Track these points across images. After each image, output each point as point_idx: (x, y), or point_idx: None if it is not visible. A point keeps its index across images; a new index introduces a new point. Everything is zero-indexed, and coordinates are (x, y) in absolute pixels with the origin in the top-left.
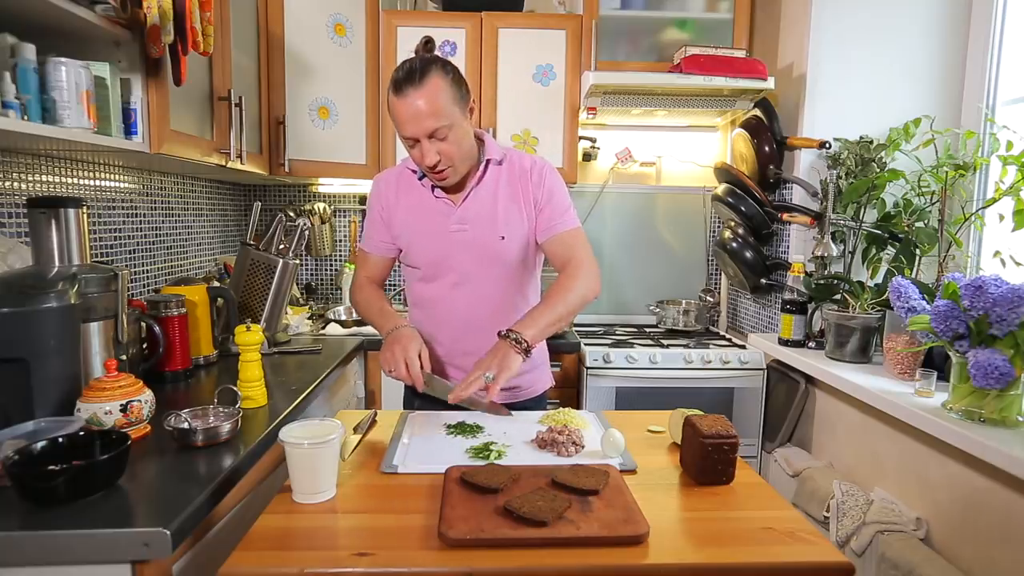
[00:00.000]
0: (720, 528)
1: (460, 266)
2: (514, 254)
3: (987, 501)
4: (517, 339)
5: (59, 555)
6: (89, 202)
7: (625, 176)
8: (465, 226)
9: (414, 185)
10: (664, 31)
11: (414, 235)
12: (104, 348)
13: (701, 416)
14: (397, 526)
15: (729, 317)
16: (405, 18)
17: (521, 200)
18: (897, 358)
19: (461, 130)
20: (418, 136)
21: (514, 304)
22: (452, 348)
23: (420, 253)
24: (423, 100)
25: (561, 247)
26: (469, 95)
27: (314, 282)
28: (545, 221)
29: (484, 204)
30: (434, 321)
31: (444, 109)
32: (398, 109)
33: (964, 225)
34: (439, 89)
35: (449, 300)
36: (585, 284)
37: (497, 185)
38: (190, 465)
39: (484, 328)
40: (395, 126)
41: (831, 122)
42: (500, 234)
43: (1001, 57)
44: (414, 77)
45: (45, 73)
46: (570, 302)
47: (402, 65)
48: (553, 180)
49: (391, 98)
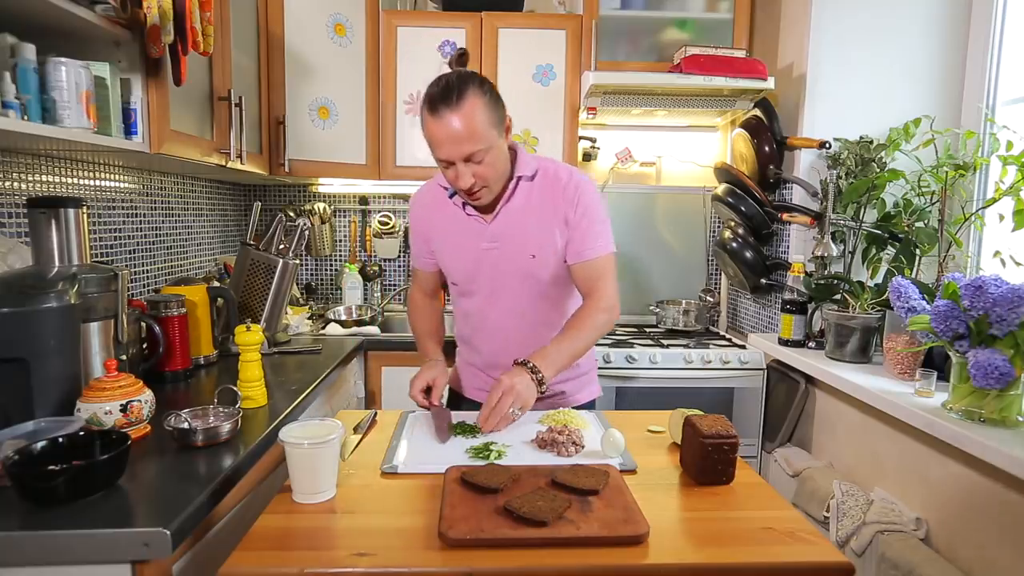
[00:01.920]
0: (720, 528)
1: (493, 282)
2: (545, 271)
3: (987, 501)
4: (534, 368)
5: (59, 555)
6: (89, 202)
7: (625, 176)
8: (496, 244)
9: (446, 203)
10: (664, 31)
11: (448, 251)
12: (104, 348)
13: (701, 416)
14: (397, 526)
15: (729, 317)
16: (405, 18)
17: (553, 217)
18: (897, 358)
19: (498, 151)
20: (454, 159)
21: (549, 318)
22: (490, 359)
23: (454, 269)
24: (460, 122)
25: (588, 274)
26: (505, 112)
27: (314, 282)
28: (576, 244)
29: (515, 221)
30: (473, 332)
31: (481, 132)
32: (433, 130)
33: (964, 225)
34: (476, 110)
35: (485, 313)
36: (606, 319)
37: (528, 201)
38: (190, 465)
39: (521, 341)
40: (429, 145)
41: (831, 122)
42: (531, 252)
43: (1001, 57)
44: (451, 97)
45: (45, 73)
46: (589, 338)
47: (438, 81)
48: (588, 199)
49: (426, 116)
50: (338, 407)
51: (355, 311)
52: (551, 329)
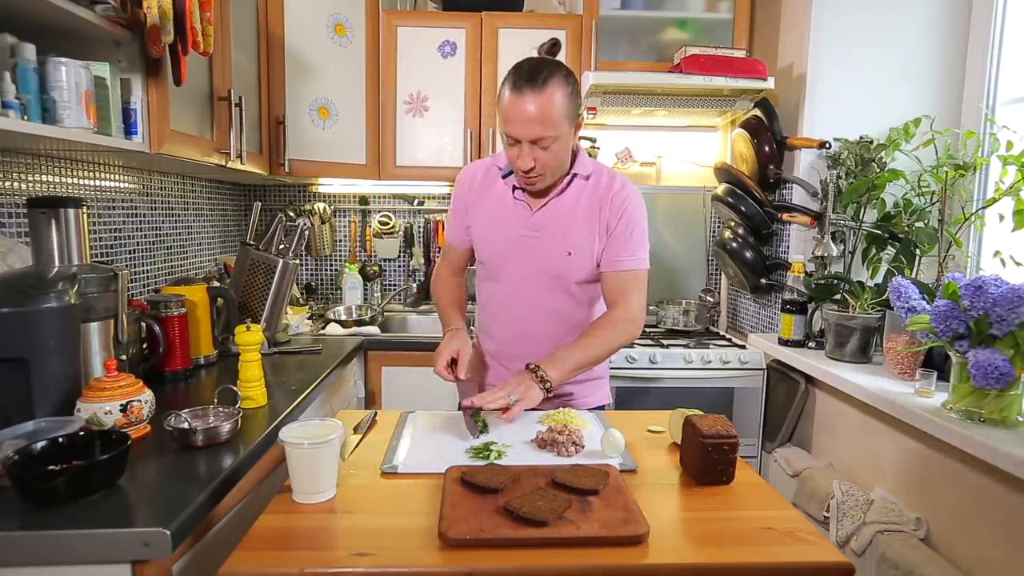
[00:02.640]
0: (720, 528)
1: (523, 270)
2: (578, 271)
3: (987, 501)
4: (543, 377)
5: (59, 555)
6: (89, 202)
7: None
8: (537, 233)
9: (497, 182)
10: (664, 31)
11: (486, 231)
12: (104, 348)
13: (701, 416)
14: (397, 526)
15: (729, 317)
16: (405, 18)
17: (596, 221)
18: (897, 358)
19: (564, 143)
20: (522, 139)
21: (572, 317)
22: (502, 348)
23: (488, 249)
24: (538, 105)
25: (617, 284)
26: (581, 110)
27: (314, 282)
28: (612, 252)
29: (560, 216)
30: (491, 318)
31: (555, 120)
32: (511, 106)
33: (964, 225)
34: (555, 98)
35: (507, 300)
36: (627, 332)
37: (578, 200)
38: (190, 465)
39: (536, 334)
40: (500, 120)
41: (831, 122)
42: (568, 249)
43: (1001, 57)
44: (536, 79)
45: (45, 73)
46: (605, 350)
47: (526, 61)
48: (632, 213)
49: (506, 92)
50: (338, 407)
51: (355, 311)
52: (568, 328)
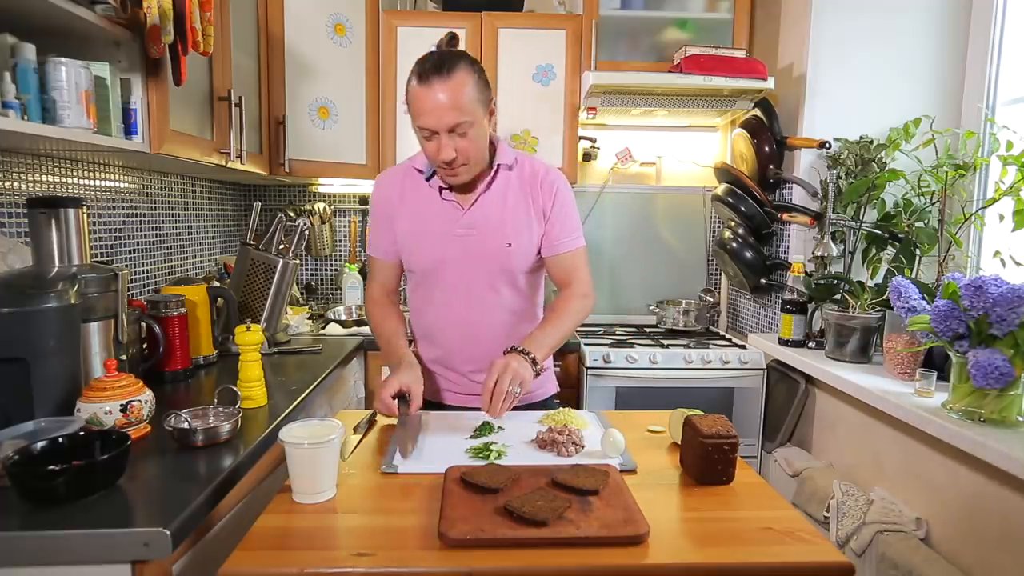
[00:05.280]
0: (720, 528)
1: (462, 271)
2: (520, 261)
3: (987, 501)
4: (534, 359)
5: (59, 555)
6: (89, 202)
7: (625, 176)
8: (472, 231)
9: (421, 185)
10: (664, 31)
11: (416, 236)
12: (104, 348)
13: (701, 416)
14: (397, 526)
15: (729, 317)
16: (405, 18)
17: (531, 208)
18: (897, 358)
19: (481, 129)
20: (438, 129)
21: (518, 309)
22: (451, 352)
23: (420, 255)
24: (448, 93)
25: (564, 266)
26: (492, 96)
27: (314, 282)
28: (552, 238)
29: (493, 209)
30: (432, 325)
31: (468, 105)
32: (421, 98)
33: (964, 225)
34: (465, 84)
35: (449, 304)
36: (584, 306)
37: (507, 190)
38: (190, 465)
39: (485, 333)
40: (413, 116)
41: (831, 122)
42: (507, 240)
43: (1001, 57)
44: (442, 68)
45: (45, 73)
46: (571, 323)
47: (429, 55)
48: (565, 195)
49: (413, 86)
50: (338, 407)
51: (355, 311)
52: (518, 319)
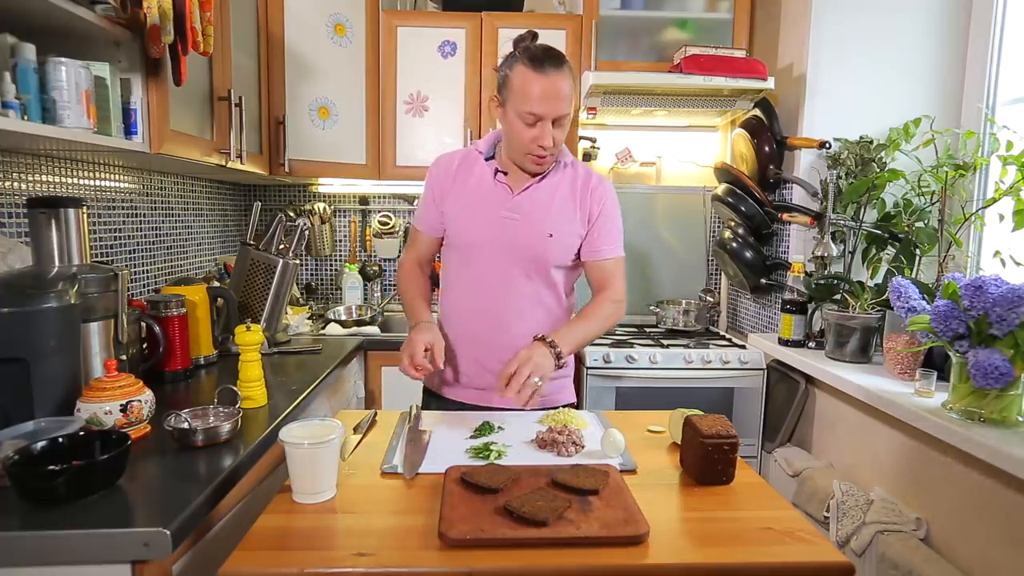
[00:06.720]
0: (720, 528)
1: (500, 253)
2: (557, 254)
3: (987, 501)
4: (559, 352)
5: (59, 555)
6: (89, 202)
7: (625, 176)
8: (516, 215)
9: (477, 164)
10: (664, 31)
11: (463, 212)
12: (104, 348)
13: (701, 416)
14: (397, 526)
15: (729, 317)
16: (405, 18)
17: (577, 209)
18: (897, 358)
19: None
20: (549, 116)
21: (547, 304)
22: (472, 337)
23: (465, 232)
24: (564, 84)
25: (602, 271)
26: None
27: (314, 282)
28: (594, 243)
29: (541, 199)
30: (462, 305)
31: (572, 99)
32: (537, 84)
33: (964, 225)
34: (572, 79)
35: (483, 286)
36: (617, 313)
37: (558, 186)
38: (190, 465)
39: (513, 320)
40: (517, 100)
41: (831, 122)
42: (549, 231)
43: (1001, 57)
44: (558, 60)
45: (45, 73)
46: (601, 328)
47: (534, 44)
48: (612, 204)
49: (527, 71)
50: (338, 407)
51: (355, 311)
52: (545, 314)
